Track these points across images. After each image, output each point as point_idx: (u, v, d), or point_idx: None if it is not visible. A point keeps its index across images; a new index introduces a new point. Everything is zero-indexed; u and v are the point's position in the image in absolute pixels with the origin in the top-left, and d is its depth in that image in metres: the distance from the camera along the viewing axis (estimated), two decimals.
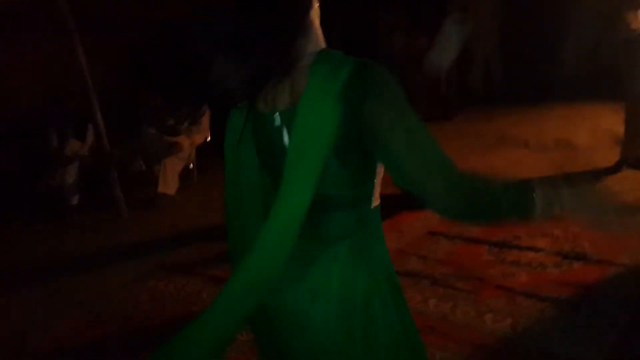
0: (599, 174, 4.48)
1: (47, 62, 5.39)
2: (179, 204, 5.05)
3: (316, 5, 1.22)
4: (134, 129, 5.44)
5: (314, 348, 1.21)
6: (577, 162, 4.82)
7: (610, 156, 4.92)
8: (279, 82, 1.15)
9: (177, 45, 4.20)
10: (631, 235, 3.34)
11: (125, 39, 6.40)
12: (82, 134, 5.13)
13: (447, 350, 2.50)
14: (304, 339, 1.22)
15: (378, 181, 1.24)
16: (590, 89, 5.97)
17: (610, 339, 2.46)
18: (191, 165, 5.56)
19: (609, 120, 5.70)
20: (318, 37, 1.21)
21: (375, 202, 1.28)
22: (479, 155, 5.25)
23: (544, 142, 5.39)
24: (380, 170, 1.22)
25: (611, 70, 5.42)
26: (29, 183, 5.08)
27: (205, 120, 5.64)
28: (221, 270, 3.55)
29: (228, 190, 1.32)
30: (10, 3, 5.17)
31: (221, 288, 1.12)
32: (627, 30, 4.47)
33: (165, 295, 3.36)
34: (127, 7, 6.30)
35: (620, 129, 5.39)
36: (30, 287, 3.67)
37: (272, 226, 1.10)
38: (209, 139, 5.72)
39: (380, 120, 1.07)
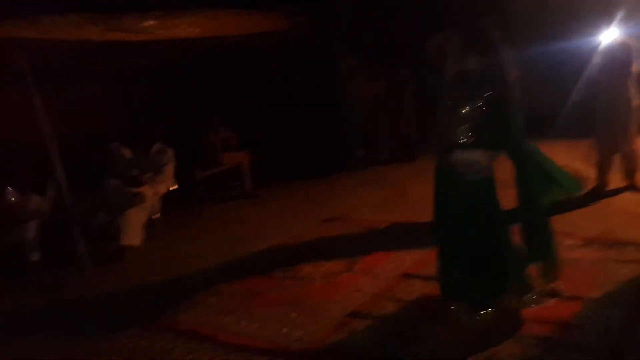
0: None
1: (3, 115, 5.25)
2: (144, 256, 4.91)
3: None
4: (96, 182, 5.29)
5: None
6: None
7: None
8: None
9: None
10: (601, 271, 3.43)
11: (83, 90, 6.33)
12: (42, 189, 4.95)
13: None
14: None
15: None
16: (544, 128, 6.22)
17: None
18: (155, 215, 5.43)
19: (565, 158, 5.92)
20: None
21: None
22: None
23: (505, 179, 5.52)
24: None
25: (568, 111, 5.71)
26: None
27: (169, 169, 5.57)
28: (191, 324, 3.44)
29: None
30: None
31: None
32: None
33: (135, 354, 3.20)
34: (84, 58, 6.27)
35: (575, 165, 5.62)
36: None
37: None
38: (173, 187, 5.64)
39: None
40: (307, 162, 7.47)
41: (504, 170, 3.07)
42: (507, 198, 3.03)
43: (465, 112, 2.91)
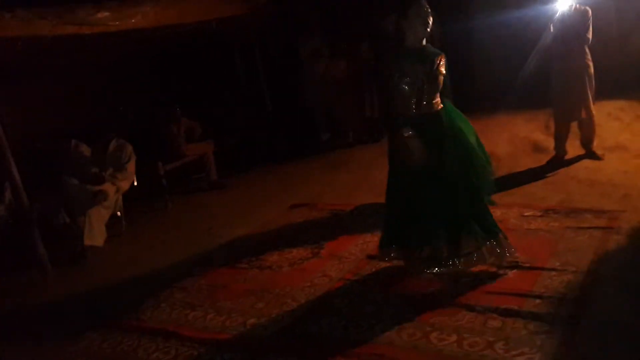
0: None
1: None
2: (108, 255, 4.82)
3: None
4: (54, 181, 5.16)
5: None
6: (500, 170, 5.03)
7: (529, 162, 5.18)
8: None
9: None
10: (559, 239, 3.50)
11: (38, 87, 6.15)
12: None
13: None
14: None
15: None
16: (504, 101, 6.29)
17: (552, 342, 2.53)
18: (118, 212, 5.34)
19: (524, 129, 6.03)
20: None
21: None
22: None
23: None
24: None
25: (525, 81, 5.77)
26: None
27: (131, 165, 5.47)
28: (156, 322, 3.40)
29: None
30: None
31: None
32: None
33: (99, 356, 3.15)
34: (37, 54, 6.09)
35: (534, 135, 5.71)
36: None
37: None
38: (135, 184, 5.54)
39: None
40: (273, 148, 7.43)
41: None
42: None
43: (425, 86, 3.10)
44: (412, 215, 3.27)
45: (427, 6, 3.17)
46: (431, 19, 3.18)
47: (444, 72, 3.15)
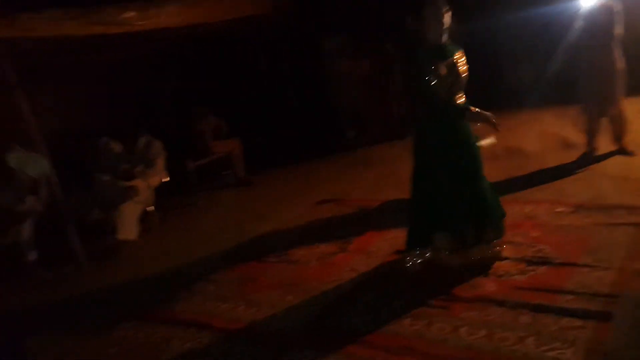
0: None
1: None
2: (141, 249, 4.93)
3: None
4: (88, 178, 5.30)
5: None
6: (530, 166, 4.99)
7: (559, 158, 5.12)
8: None
9: None
10: (591, 236, 3.46)
11: (68, 86, 6.31)
12: (35, 188, 4.96)
13: None
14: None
15: None
16: (532, 98, 6.23)
17: (584, 338, 2.51)
18: (151, 208, 5.45)
19: (554, 125, 5.96)
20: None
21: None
22: None
23: (495, 152, 5.54)
24: None
25: (552, 78, 5.70)
26: None
27: (160, 161, 5.57)
28: (189, 313, 3.47)
29: None
30: None
31: None
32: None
33: (134, 345, 3.24)
34: (66, 54, 6.23)
35: (564, 132, 5.64)
36: None
37: None
38: (166, 179, 5.64)
39: None
40: (298, 146, 7.48)
41: None
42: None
43: (451, 80, 3.18)
44: (436, 206, 3.34)
45: (444, 5, 3.20)
46: (448, 16, 3.21)
47: (464, 67, 3.22)
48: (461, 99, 3.26)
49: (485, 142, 3.53)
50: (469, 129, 3.29)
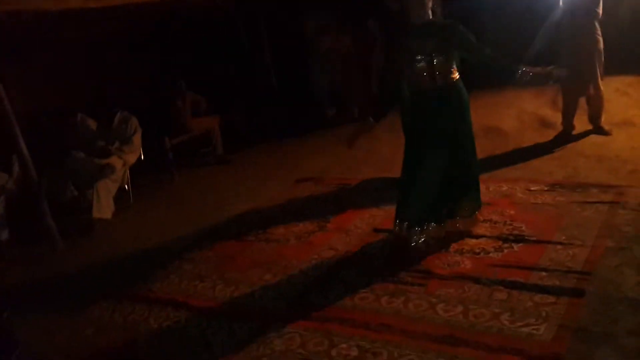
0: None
1: None
2: (116, 227, 4.87)
3: None
4: (62, 155, 5.19)
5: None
6: (507, 145, 5.03)
7: (536, 137, 5.16)
8: None
9: None
10: (565, 214, 3.51)
11: (43, 62, 6.14)
12: (7, 166, 4.85)
13: (407, 347, 2.53)
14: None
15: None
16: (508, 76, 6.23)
17: (557, 313, 2.56)
18: (126, 186, 5.37)
19: (532, 104, 5.99)
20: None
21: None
22: None
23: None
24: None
25: (532, 57, 5.69)
26: None
27: (137, 138, 5.49)
28: (165, 292, 3.45)
29: None
30: None
31: None
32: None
33: (110, 325, 3.22)
34: (41, 29, 6.06)
35: (541, 111, 5.68)
36: None
37: None
38: (142, 157, 5.57)
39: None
40: (278, 123, 7.42)
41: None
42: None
43: (440, 59, 3.16)
44: (428, 186, 3.30)
45: None
46: None
47: (470, 37, 3.19)
48: (451, 72, 3.23)
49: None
50: (459, 103, 3.27)
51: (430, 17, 3.21)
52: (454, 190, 3.37)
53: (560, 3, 4.86)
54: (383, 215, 3.99)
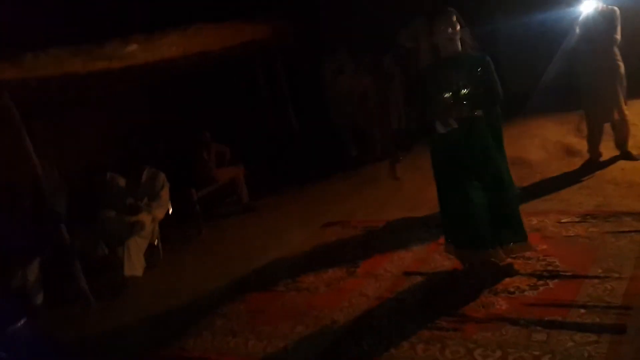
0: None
1: None
2: (148, 285, 4.90)
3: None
4: (92, 215, 5.29)
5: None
6: (534, 176, 4.96)
7: (563, 166, 5.09)
8: None
9: None
10: (599, 245, 3.42)
11: (71, 122, 6.35)
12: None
13: None
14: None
15: None
16: (533, 105, 6.21)
17: (600, 353, 2.47)
18: (156, 241, 5.43)
19: (556, 133, 5.94)
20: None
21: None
22: None
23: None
24: None
25: (552, 84, 5.68)
26: None
27: (165, 193, 5.56)
28: (198, 350, 3.44)
29: None
30: None
31: None
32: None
33: None
34: (70, 91, 6.28)
35: (566, 139, 5.62)
36: None
37: None
38: (170, 211, 5.64)
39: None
40: (301, 168, 7.47)
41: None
42: None
43: (466, 91, 3.18)
44: (467, 216, 3.28)
45: (453, 14, 3.22)
46: (459, 25, 3.21)
47: (493, 74, 3.24)
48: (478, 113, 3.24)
49: None
50: (492, 135, 3.28)
51: (460, 48, 3.24)
52: (496, 221, 3.29)
53: (577, 30, 4.86)
54: (412, 257, 3.95)
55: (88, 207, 5.47)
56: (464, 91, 3.17)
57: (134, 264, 4.98)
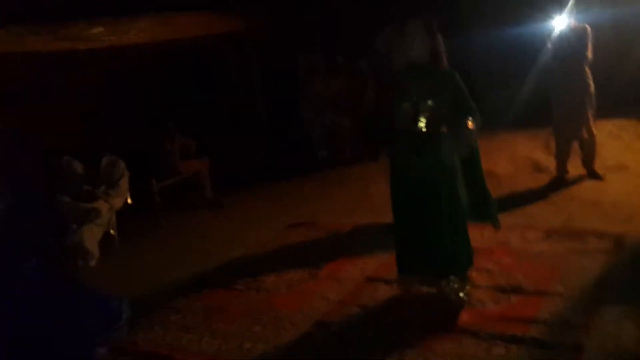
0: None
1: None
2: (100, 274, 4.71)
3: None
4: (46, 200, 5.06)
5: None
6: (501, 190, 4.97)
7: (530, 181, 5.12)
8: None
9: None
10: (563, 263, 3.42)
11: (30, 104, 6.10)
12: None
13: None
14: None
15: None
16: (504, 120, 6.25)
17: None
18: (111, 231, 5.24)
19: (526, 148, 5.98)
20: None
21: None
22: None
23: None
24: None
25: (524, 100, 5.73)
26: None
27: (124, 182, 5.36)
28: (150, 345, 3.30)
29: None
30: None
31: None
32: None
33: None
34: (30, 70, 6.05)
35: (535, 155, 5.66)
36: None
37: None
38: (129, 201, 5.45)
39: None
40: (270, 166, 7.36)
41: None
42: None
43: (428, 103, 3.03)
44: (419, 236, 3.21)
45: (424, 23, 3.14)
46: (431, 35, 3.14)
47: (462, 89, 3.13)
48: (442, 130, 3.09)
49: None
50: (446, 160, 3.10)
51: (427, 58, 3.13)
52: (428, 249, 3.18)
53: (549, 46, 4.88)
54: (376, 263, 3.88)
55: (42, 191, 5.24)
56: (427, 103, 3.03)
57: (87, 253, 4.78)
